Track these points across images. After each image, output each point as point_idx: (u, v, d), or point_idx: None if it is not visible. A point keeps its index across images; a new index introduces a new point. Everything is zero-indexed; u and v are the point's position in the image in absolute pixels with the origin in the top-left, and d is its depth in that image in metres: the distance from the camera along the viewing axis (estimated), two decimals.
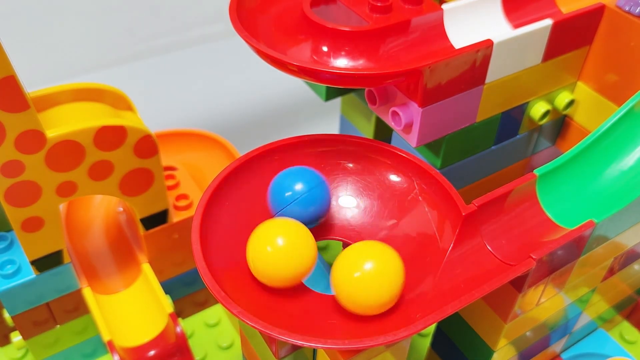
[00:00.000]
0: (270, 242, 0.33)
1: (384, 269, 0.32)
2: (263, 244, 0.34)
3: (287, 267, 0.33)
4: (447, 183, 0.38)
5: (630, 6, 0.44)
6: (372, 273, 0.32)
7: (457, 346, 0.45)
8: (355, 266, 0.32)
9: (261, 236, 0.34)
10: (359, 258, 0.33)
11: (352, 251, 0.33)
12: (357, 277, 0.32)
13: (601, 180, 0.41)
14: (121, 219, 0.54)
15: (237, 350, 0.56)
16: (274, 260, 0.33)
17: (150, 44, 1.02)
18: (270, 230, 0.34)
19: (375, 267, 0.32)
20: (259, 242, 0.34)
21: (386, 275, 0.32)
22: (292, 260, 0.33)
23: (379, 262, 0.32)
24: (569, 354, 0.50)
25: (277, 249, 0.33)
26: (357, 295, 0.32)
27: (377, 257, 0.33)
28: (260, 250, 0.34)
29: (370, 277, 0.32)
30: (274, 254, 0.33)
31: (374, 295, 0.32)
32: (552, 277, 0.38)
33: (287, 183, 0.36)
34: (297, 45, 0.41)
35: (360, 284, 0.32)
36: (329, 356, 0.35)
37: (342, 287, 0.33)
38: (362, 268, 0.32)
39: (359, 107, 0.58)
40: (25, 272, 0.47)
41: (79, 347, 0.54)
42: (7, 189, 0.41)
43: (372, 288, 0.32)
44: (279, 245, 0.33)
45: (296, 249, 0.34)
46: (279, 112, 0.91)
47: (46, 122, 0.42)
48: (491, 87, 0.43)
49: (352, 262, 0.33)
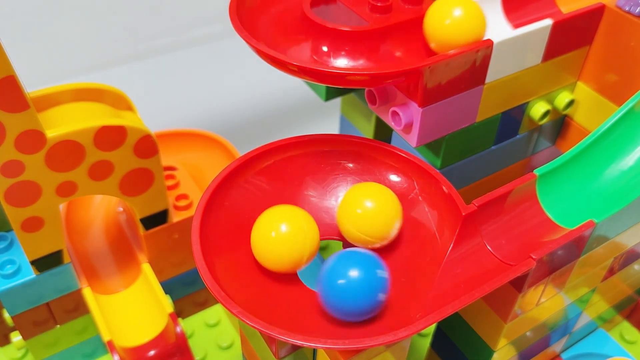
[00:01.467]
0: (275, 226, 0.35)
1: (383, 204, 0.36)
2: (268, 228, 0.35)
3: (289, 251, 0.34)
4: (447, 183, 0.38)
5: (630, 6, 0.44)
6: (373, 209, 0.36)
7: (457, 346, 0.45)
8: (357, 204, 0.36)
9: (266, 221, 0.35)
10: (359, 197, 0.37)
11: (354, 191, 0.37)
12: (360, 213, 0.36)
13: (601, 180, 0.41)
14: (121, 219, 0.54)
15: (237, 350, 0.56)
16: (277, 243, 0.34)
17: (150, 44, 1.02)
18: (275, 215, 0.35)
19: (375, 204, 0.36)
20: (263, 226, 0.35)
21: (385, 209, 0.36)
22: (294, 244, 0.34)
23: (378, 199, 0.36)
24: (569, 354, 0.50)
25: (281, 233, 0.34)
26: (361, 227, 0.36)
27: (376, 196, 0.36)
28: (265, 234, 0.35)
29: (372, 212, 0.36)
30: (277, 238, 0.34)
31: (377, 226, 0.36)
32: (552, 277, 0.38)
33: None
34: (297, 45, 0.41)
35: (363, 219, 0.36)
36: (329, 356, 0.35)
37: (348, 223, 0.36)
38: (363, 205, 0.36)
39: (359, 107, 0.58)
40: (25, 272, 0.47)
41: (79, 347, 0.54)
42: (7, 189, 0.41)
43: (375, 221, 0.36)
44: (282, 229, 0.34)
45: (299, 233, 0.35)
46: (279, 112, 0.91)
47: (46, 122, 0.42)
48: (491, 87, 0.43)
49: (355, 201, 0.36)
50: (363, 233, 0.36)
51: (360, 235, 0.36)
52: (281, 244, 0.34)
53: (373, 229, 0.36)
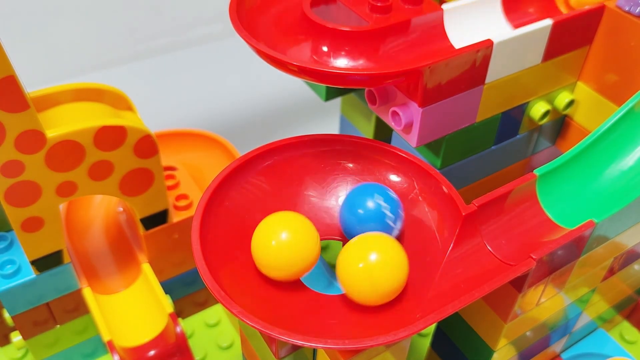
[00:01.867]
0: (275, 235, 0.34)
1: (389, 259, 0.33)
2: (268, 237, 0.34)
3: (290, 260, 0.34)
4: (447, 183, 0.38)
5: (630, 6, 0.44)
6: (378, 264, 0.33)
7: (457, 346, 0.45)
8: (360, 257, 0.34)
9: (266, 228, 0.35)
10: (364, 250, 0.34)
11: (356, 243, 0.34)
12: (362, 267, 0.33)
13: (601, 180, 0.41)
14: (121, 219, 0.54)
15: (237, 350, 0.56)
16: (277, 252, 0.34)
17: (150, 44, 1.02)
18: (276, 222, 0.35)
19: (380, 258, 0.33)
20: (264, 235, 0.35)
21: (390, 266, 0.33)
22: (295, 253, 0.34)
23: (383, 253, 0.34)
24: (569, 354, 0.50)
25: (281, 242, 0.34)
26: (362, 285, 0.33)
27: (382, 249, 0.34)
28: (265, 243, 0.34)
29: (376, 268, 0.33)
30: (278, 247, 0.34)
31: (380, 284, 0.33)
32: (552, 277, 0.38)
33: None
34: (297, 45, 0.41)
35: (366, 275, 0.33)
36: (329, 356, 0.35)
37: (349, 278, 0.34)
38: (367, 259, 0.33)
39: (359, 107, 0.58)
40: (25, 272, 0.47)
41: (79, 347, 0.54)
42: (7, 189, 0.41)
43: (378, 278, 0.33)
44: (282, 238, 0.34)
45: (300, 242, 0.34)
46: (279, 112, 0.91)
47: (46, 122, 0.42)
48: (491, 87, 0.43)
49: (358, 254, 0.34)
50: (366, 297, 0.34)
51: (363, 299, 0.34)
52: (282, 254, 0.34)
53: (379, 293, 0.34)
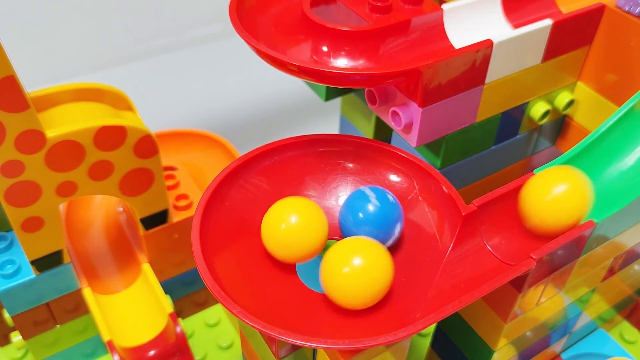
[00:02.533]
0: (285, 218, 0.35)
1: (372, 264, 0.33)
2: (278, 220, 0.35)
3: (301, 241, 0.35)
4: (447, 183, 0.38)
5: (630, 6, 0.44)
6: (361, 268, 0.33)
7: (457, 346, 0.45)
8: (344, 262, 0.33)
9: (276, 212, 0.35)
10: (347, 254, 0.33)
11: (340, 247, 0.34)
12: (346, 272, 0.33)
13: (601, 180, 0.41)
14: (121, 219, 0.54)
15: (237, 350, 0.56)
16: (288, 233, 0.35)
17: (150, 44, 1.02)
18: (285, 207, 0.36)
19: (363, 263, 0.33)
20: (275, 217, 0.35)
21: (374, 270, 0.33)
22: (305, 235, 0.35)
23: (366, 258, 0.33)
24: (569, 353, 0.50)
25: (292, 224, 0.35)
26: (346, 290, 0.33)
27: (365, 253, 0.33)
28: (276, 225, 0.35)
29: (359, 273, 0.33)
30: (288, 228, 0.35)
31: (363, 290, 0.33)
32: (552, 277, 0.38)
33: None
34: (297, 45, 0.41)
35: (349, 280, 0.33)
36: (329, 356, 0.35)
37: (331, 283, 0.34)
38: (350, 263, 0.33)
39: (359, 107, 0.58)
40: (25, 272, 0.47)
41: (79, 347, 0.54)
42: (7, 189, 0.41)
43: (361, 283, 0.33)
44: (293, 221, 0.35)
45: (310, 223, 0.35)
46: (279, 112, 0.91)
47: (46, 122, 0.42)
48: (491, 87, 0.43)
49: (341, 258, 0.34)
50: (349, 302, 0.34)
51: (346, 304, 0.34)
52: (295, 233, 0.35)
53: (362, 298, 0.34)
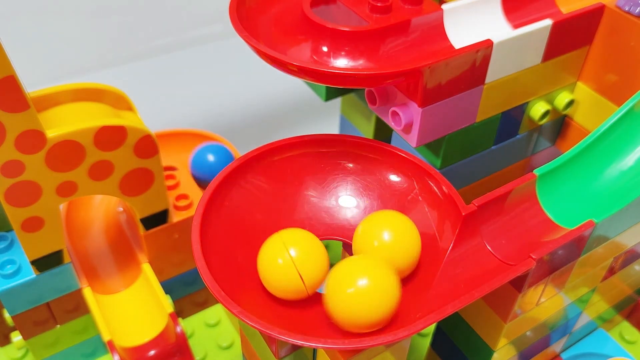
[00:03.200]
0: (284, 256, 0.33)
1: (377, 286, 0.31)
2: (275, 258, 0.34)
3: (301, 283, 0.34)
4: (447, 183, 0.38)
5: (630, 6, 0.44)
6: (365, 291, 0.31)
7: (457, 346, 0.45)
8: (347, 284, 0.31)
9: (273, 250, 0.34)
10: (351, 274, 0.32)
11: (344, 266, 0.33)
12: (350, 293, 0.31)
13: (601, 180, 0.41)
14: (121, 219, 0.54)
15: (237, 350, 0.56)
16: (287, 275, 0.33)
17: (150, 44, 1.02)
18: (284, 242, 0.34)
19: (367, 285, 0.31)
20: (271, 257, 0.34)
21: (379, 293, 0.31)
22: (307, 275, 0.34)
23: (371, 280, 0.31)
24: (569, 353, 0.50)
25: (291, 265, 0.33)
26: (350, 313, 0.32)
27: (370, 274, 0.31)
28: (274, 265, 0.34)
29: (364, 296, 0.31)
30: (286, 268, 0.33)
31: (368, 313, 0.31)
32: (552, 277, 0.38)
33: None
34: (297, 45, 0.41)
35: (353, 302, 0.31)
36: (329, 356, 0.35)
37: (336, 305, 0.32)
38: (355, 285, 0.31)
39: (359, 107, 0.58)
40: (25, 272, 0.47)
41: (79, 347, 0.54)
42: (7, 189, 0.41)
43: (365, 306, 0.31)
44: (294, 259, 0.33)
45: (312, 263, 0.34)
46: (279, 112, 0.91)
47: (46, 122, 0.42)
48: (491, 87, 0.43)
49: (344, 279, 0.32)
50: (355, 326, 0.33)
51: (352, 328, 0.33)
52: (293, 277, 0.33)
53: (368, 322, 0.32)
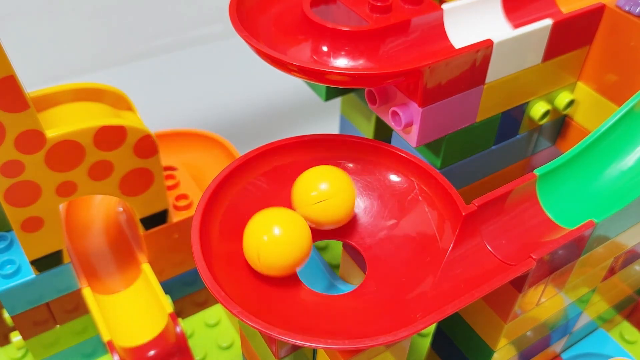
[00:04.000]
0: (267, 230, 0.34)
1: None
2: (259, 233, 0.34)
3: (283, 255, 0.34)
4: (447, 183, 0.38)
5: (630, 6, 0.44)
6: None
7: (457, 346, 0.45)
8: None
9: (257, 225, 0.35)
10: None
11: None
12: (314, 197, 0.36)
13: (601, 180, 0.41)
14: (121, 219, 0.54)
15: (237, 350, 0.56)
16: (270, 248, 0.34)
17: (150, 44, 1.02)
18: (266, 219, 0.35)
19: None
20: (254, 231, 0.35)
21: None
22: (288, 248, 0.34)
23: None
24: (569, 354, 0.50)
25: (274, 238, 0.34)
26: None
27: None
28: (257, 239, 0.34)
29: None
30: (269, 243, 0.34)
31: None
32: (552, 277, 0.38)
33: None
34: (297, 45, 0.41)
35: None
36: (329, 356, 0.35)
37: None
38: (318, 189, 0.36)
39: (359, 107, 0.58)
40: (25, 272, 0.47)
41: (79, 347, 0.54)
42: (7, 189, 0.41)
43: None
44: (275, 234, 0.34)
45: (292, 236, 0.34)
46: (279, 112, 0.91)
47: (46, 122, 0.42)
48: (491, 87, 0.43)
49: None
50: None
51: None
52: (273, 249, 0.34)
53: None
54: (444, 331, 0.46)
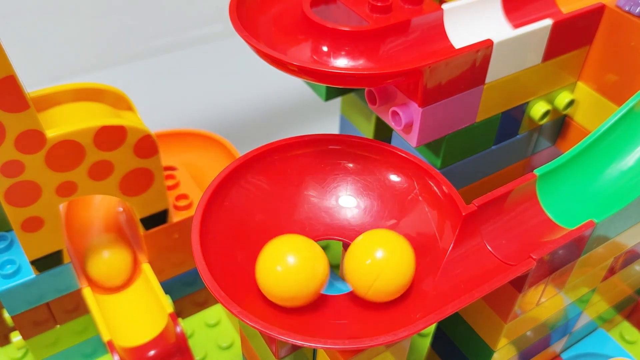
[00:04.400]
0: (282, 262, 0.33)
1: (395, 256, 0.34)
2: (273, 265, 0.33)
3: (301, 288, 0.33)
4: (447, 183, 0.38)
5: (630, 6, 0.44)
6: (384, 260, 0.34)
7: (457, 346, 0.45)
8: (368, 254, 0.34)
9: (271, 256, 0.34)
10: (371, 245, 0.34)
11: (364, 239, 0.35)
12: (369, 264, 0.34)
13: (601, 180, 0.41)
14: (121, 219, 0.54)
15: (237, 350, 0.56)
16: (286, 282, 0.33)
17: (150, 44, 1.02)
18: (280, 249, 0.34)
19: (387, 254, 0.34)
20: (269, 264, 0.33)
21: (398, 262, 0.34)
22: (306, 281, 0.33)
23: (389, 250, 0.34)
24: (569, 354, 0.50)
25: (289, 271, 0.33)
26: (370, 282, 0.34)
27: (389, 245, 0.34)
28: (271, 273, 0.33)
29: (382, 264, 0.34)
30: (285, 276, 0.33)
31: (388, 281, 0.34)
32: (552, 277, 0.38)
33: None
34: (297, 45, 0.41)
35: (372, 271, 0.34)
36: (329, 356, 0.35)
37: (356, 276, 0.34)
38: (373, 255, 0.34)
39: (359, 107, 0.58)
40: (25, 272, 0.47)
41: (79, 347, 0.54)
42: (7, 189, 0.41)
43: (385, 274, 0.34)
44: (290, 265, 0.33)
45: (310, 268, 0.33)
46: (279, 112, 0.91)
47: (46, 122, 0.42)
48: (491, 87, 0.43)
49: (365, 250, 0.34)
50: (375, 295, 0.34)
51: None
52: (291, 282, 0.33)
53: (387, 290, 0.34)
54: (444, 331, 0.46)
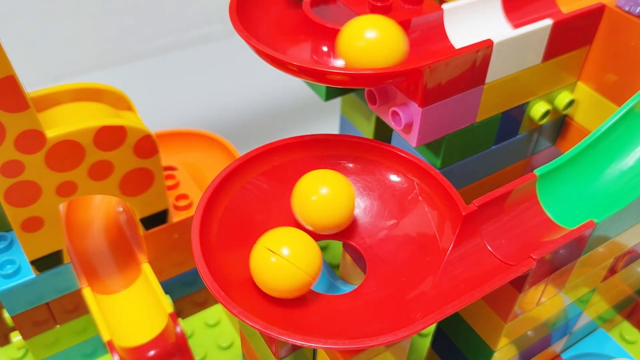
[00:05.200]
0: (276, 251, 0.33)
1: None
2: (268, 255, 0.33)
3: (295, 277, 0.33)
4: (447, 183, 0.38)
5: (630, 6, 0.44)
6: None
7: (457, 346, 0.45)
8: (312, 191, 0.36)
9: (266, 246, 0.34)
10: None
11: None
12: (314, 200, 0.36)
13: (601, 180, 0.41)
14: (121, 219, 0.54)
15: (237, 350, 0.56)
16: (281, 271, 0.33)
17: (150, 44, 1.02)
18: (275, 239, 0.34)
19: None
20: (264, 254, 0.34)
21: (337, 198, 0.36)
22: (300, 271, 0.33)
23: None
24: (569, 354, 0.50)
25: (283, 259, 0.33)
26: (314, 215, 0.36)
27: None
28: (266, 262, 0.33)
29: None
30: (280, 265, 0.33)
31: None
32: (552, 277, 0.38)
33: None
34: (297, 45, 0.41)
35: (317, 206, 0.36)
36: (329, 356, 0.35)
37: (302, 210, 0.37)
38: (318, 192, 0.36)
39: (359, 107, 0.58)
40: (25, 272, 0.47)
41: (79, 347, 0.54)
42: (7, 189, 0.41)
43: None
44: (285, 254, 0.33)
45: (303, 258, 0.34)
46: (279, 112, 0.91)
47: (46, 122, 0.42)
48: (491, 87, 0.43)
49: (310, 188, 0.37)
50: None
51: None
52: (286, 279, 0.33)
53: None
54: (444, 331, 0.46)
